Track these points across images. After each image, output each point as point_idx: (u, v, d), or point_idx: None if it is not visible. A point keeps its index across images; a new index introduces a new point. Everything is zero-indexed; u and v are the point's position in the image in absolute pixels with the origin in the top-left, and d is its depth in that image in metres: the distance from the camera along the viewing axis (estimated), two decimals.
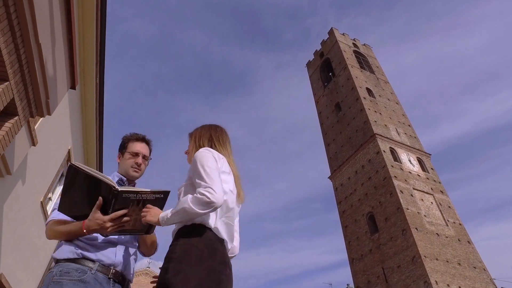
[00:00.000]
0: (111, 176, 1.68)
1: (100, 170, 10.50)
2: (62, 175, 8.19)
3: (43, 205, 6.68)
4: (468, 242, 20.60)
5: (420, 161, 25.08)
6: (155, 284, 1.33)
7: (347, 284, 21.36)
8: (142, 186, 1.81)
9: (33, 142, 5.04)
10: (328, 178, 28.21)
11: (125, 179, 1.73)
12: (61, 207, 1.40)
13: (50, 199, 7.46)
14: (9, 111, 3.36)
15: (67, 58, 4.16)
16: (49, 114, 3.90)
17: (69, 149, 7.78)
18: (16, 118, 3.38)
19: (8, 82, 3.05)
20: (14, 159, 4.68)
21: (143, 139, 1.82)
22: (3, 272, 5.48)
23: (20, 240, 5.95)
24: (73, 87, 4.52)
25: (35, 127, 5.22)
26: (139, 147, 1.78)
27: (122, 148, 1.80)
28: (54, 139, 6.66)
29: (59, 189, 8.06)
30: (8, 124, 3.29)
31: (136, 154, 1.75)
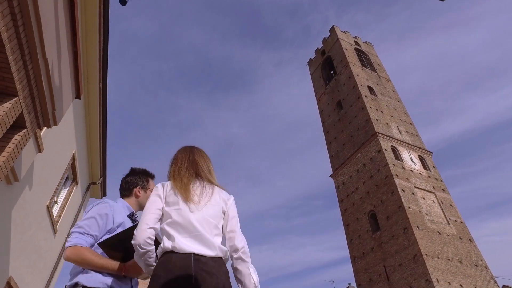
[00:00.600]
0: (118, 203, 1.80)
1: (104, 171, 10.62)
2: (67, 178, 8.34)
3: (49, 209, 6.81)
4: (470, 240, 20.68)
5: (421, 159, 25.13)
6: None
7: (349, 283, 21.50)
8: None
9: (39, 149, 5.16)
10: (330, 176, 28.31)
11: (135, 212, 1.86)
12: (105, 244, 1.56)
13: (55, 202, 7.61)
14: (17, 124, 3.47)
15: (72, 69, 4.27)
16: (55, 124, 4.01)
17: (73, 153, 7.91)
18: (24, 130, 3.49)
19: (17, 97, 3.16)
20: (21, 167, 4.81)
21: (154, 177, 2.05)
22: (12, 275, 5.63)
23: (27, 244, 6.10)
24: (78, 97, 4.63)
25: (41, 134, 5.34)
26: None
27: (144, 185, 1.94)
28: (59, 144, 6.78)
29: (64, 193, 8.21)
30: (17, 137, 3.41)
31: None
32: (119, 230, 1.65)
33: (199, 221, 1.41)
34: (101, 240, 1.58)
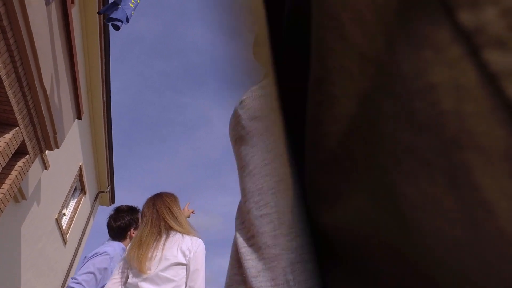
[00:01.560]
0: (116, 250, 1.88)
1: (111, 179, 10.83)
2: (75, 189, 8.54)
3: (58, 221, 7.01)
4: None
5: None
6: None
7: None
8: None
9: (45, 167, 5.32)
10: None
11: None
12: None
13: (64, 214, 7.81)
14: (20, 151, 3.61)
15: (72, 92, 4.39)
16: (57, 147, 4.15)
17: (80, 165, 8.09)
18: (27, 157, 3.63)
19: (18, 127, 3.28)
20: (28, 185, 4.97)
21: None
22: None
23: (37, 256, 6.30)
24: (79, 117, 4.76)
25: (46, 152, 5.50)
26: None
27: (136, 225, 2.01)
28: (65, 158, 6.95)
29: (72, 204, 8.41)
30: (19, 164, 3.55)
31: None
32: None
33: (152, 279, 1.46)
34: None
